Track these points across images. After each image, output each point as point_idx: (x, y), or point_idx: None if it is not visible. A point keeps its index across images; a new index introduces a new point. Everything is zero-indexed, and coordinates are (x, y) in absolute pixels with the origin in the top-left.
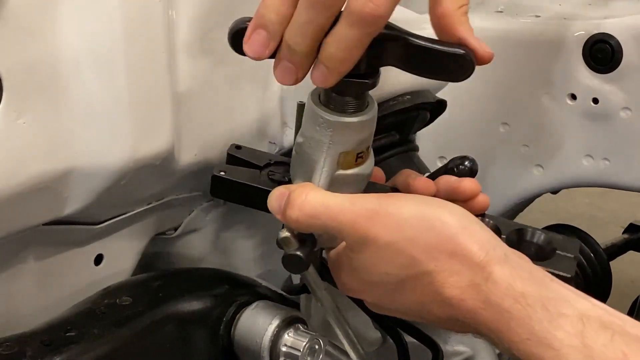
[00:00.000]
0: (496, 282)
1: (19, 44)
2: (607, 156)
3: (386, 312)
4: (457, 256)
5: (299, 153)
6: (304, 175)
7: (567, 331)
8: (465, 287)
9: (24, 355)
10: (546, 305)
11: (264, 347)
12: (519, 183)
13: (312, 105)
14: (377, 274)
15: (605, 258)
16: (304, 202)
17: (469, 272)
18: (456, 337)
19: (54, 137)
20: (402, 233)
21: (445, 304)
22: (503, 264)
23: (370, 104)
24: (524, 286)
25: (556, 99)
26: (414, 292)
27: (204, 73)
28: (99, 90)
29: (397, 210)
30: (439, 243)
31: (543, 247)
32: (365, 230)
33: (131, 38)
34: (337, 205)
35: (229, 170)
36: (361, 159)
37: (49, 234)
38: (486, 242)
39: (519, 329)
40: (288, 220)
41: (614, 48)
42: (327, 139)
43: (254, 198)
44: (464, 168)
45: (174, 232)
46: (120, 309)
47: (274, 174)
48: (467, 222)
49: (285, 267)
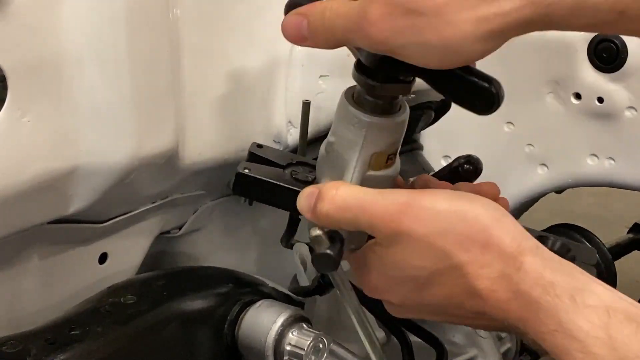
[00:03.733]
0: (527, 272)
1: (23, 43)
2: (612, 155)
3: (410, 314)
4: (490, 247)
5: (329, 152)
6: (333, 175)
7: (593, 322)
8: (496, 278)
9: (28, 353)
10: (574, 295)
11: (268, 346)
12: (523, 182)
13: (347, 104)
14: (407, 269)
15: (610, 257)
16: (335, 195)
17: (501, 263)
18: (460, 337)
19: (58, 136)
20: (435, 226)
21: (475, 297)
22: (535, 254)
23: (403, 106)
24: (553, 276)
25: (561, 98)
26: (444, 286)
27: (208, 72)
28: (103, 89)
29: (429, 203)
30: (472, 235)
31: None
32: (398, 223)
33: (135, 36)
34: (369, 198)
35: (253, 167)
36: (391, 161)
37: (53, 232)
38: (518, 234)
39: (546, 320)
40: (319, 215)
41: (619, 47)
42: (360, 139)
43: (278, 196)
44: (468, 167)
45: (178, 231)
46: (124, 307)
47: (297, 174)
48: (499, 215)
49: (316, 266)
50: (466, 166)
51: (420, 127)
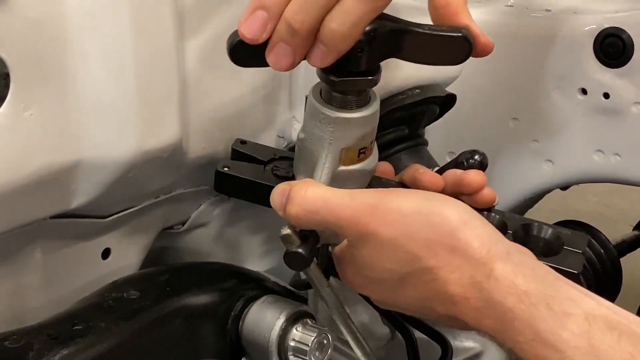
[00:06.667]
0: (498, 280)
1: (26, 35)
2: (618, 151)
3: (391, 308)
4: (458, 251)
5: (301, 149)
6: (307, 171)
7: (573, 331)
8: (467, 285)
9: (30, 348)
10: (550, 304)
11: (272, 342)
12: (528, 178)
13: (313, 100)
14: (378, 270)
15: (615, 254)
16: (304, 197)
17: (470, 268)
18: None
19: (61, 129)
20: (402, 228)
21: (447, 302)
22: (505, 260)
23: (372, 99)
24: (526, 284)
25: (566, 94)
26: (416, 288)
27: (212, 66)
28: (106, 82)
29: (397, 205)
30: (439, 238)
31: (551, 242)
32: (365, 225)
33: (139, 30)
34: (337, 200)
35: (233, 165)
36: (364, 155)
37: (56, 227)
38: (487, 238)
39: (523, 329)
40: (288, 216)
41: (625, 42)
42: (328, 135)
43: (257, 194)
44: (473, 162)
45: (181, 226)
46: (127, 302)
47: (278, 169)
48: (467, 217)
49: (287, 264)
50: (471, 161)
51: (424, 123)
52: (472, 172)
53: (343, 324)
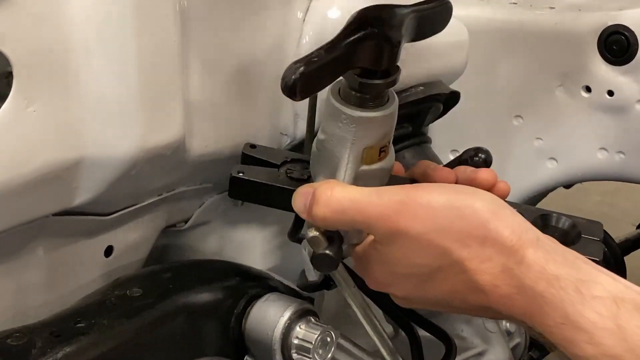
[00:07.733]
0: (529, 266)
1: (29, 32)
2: (622, 149)
3: (415, 305)
4: (489, 242)
5: (320, 150)
6: (327, 172)
7: (601, 313)
8: (498, 273)
9: (33, 346)
10: (579, 287)
11: (275, 340)
12: (532, 176)
13: (333, 101)
14: (408, 266)
15: (619, 252)
16: (330, 198)
17: (502, 257)
18: (469, 332)
19: (64, 126)
20: (433, 223)
21: (478, 292)
22: (536, 247)
23: (391, 97)
24: (557, 269)
25: (571, 92)
26: (446, 281)
27: (215, 63)
28: (109, 79)
29: (426, 200)
30: (471, 230)
31: (568, 231)
32: (395, 223)
33: (142, 26)
34: (365, 199)
35: (247, 170)
36: (384, 153)
37: (58, 224)
38: (517, 226)
39: (553, 313)
40: (315, 218)
41: (630, 40)
42: (350, 135)
43: (275, 198)
44: (478, 160)
45: (184, 224)
46: (130, 300)
47: (292, 172)
48: (497, 208)
49: (316, 267)
50: (476, 158)
51: (428, 120)
52: (483, 171)
53: (370, 324)
